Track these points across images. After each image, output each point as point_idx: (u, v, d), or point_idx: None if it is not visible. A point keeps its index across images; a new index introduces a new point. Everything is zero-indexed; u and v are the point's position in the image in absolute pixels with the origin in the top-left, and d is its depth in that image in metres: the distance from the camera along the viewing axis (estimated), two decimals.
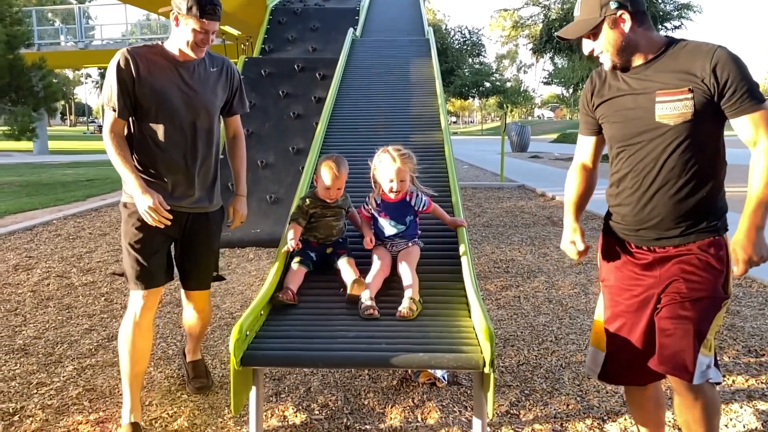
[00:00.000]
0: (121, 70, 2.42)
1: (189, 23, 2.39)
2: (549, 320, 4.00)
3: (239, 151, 2.96)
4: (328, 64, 6.65)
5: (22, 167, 17.76)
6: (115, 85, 2.42)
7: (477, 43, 37.18)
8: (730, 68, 1.76)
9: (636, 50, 1.88)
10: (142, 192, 2.39)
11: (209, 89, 2.61)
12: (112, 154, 2.46)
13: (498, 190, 10.54)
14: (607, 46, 1.89)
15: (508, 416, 2.75)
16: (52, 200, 9.79)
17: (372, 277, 2.59)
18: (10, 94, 13.24)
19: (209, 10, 2.38)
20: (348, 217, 2.94)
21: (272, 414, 2.78)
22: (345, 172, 2.79)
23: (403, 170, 2.71)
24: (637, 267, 1.99)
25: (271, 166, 6.47)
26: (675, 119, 1.82)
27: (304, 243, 2.80)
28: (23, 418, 2.75)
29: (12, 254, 6.04)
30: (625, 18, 1.85)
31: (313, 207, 2.82)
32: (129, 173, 2.42)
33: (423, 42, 6.92)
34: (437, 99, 5.05)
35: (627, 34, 1.86)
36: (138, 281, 2.53)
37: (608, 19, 1.86)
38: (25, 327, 3.98)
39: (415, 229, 2.84)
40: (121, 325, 2.60)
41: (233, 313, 4.20)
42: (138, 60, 2.44)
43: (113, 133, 2.48)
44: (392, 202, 2.78)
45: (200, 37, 2.42)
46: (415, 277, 2.56)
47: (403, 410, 2.80)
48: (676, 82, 1.82)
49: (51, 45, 23.78)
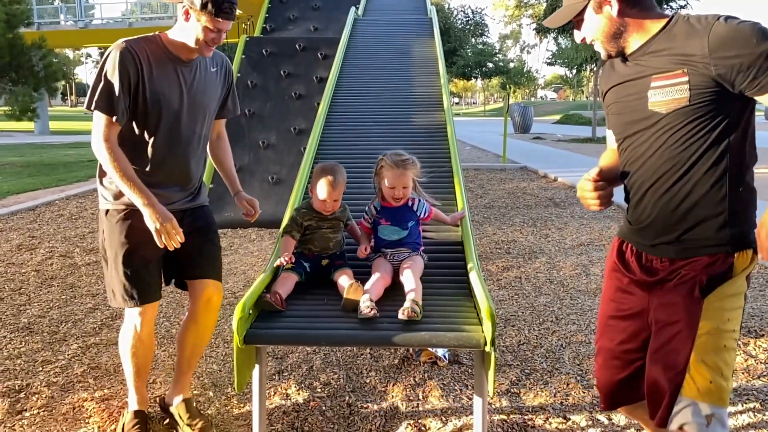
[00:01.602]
0: (124, 69, 2.13)
1: (202, 20, 2.13)
2: (550, 300, 4.02)
3: (227, 152, 2.69)
4: (330, 43, 6.60)
5: (23, 147, 17.74)
6: (117, 86, 2.12)
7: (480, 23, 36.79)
8: (733, 43, 1.50)
9: (629, 35, 1.67)
10: (158, 211, 2.15)
11: (210, 91, 2.40)
12: (111, 167, 2.14)
13: (500, 172, 10.52)
14: (596, 34, 1.70)
15: (508, 395, 2.78)
16: (54, 180, 9.80)
17: (371, 284, 2.34)
18: (11, 74, 13.19)
19: (226, 9, 2.14)
20: (347, 230, 2.70)
21: (275, 392, 2.81)
22: (342, 183, 2.55)
23: (407, 177, 2.57)
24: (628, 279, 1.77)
25: (273, 147, 6.47)
26: (667, 106, 1.59)
27: (298, 255, 2.54)
28: (29, 395, 2.78)
29: (15, 234, 6.06)
30: (610, 1, 1.65)
31: (307, 219, 2.57)
32: (137, 190, 2.15)
33: (426, 21, 6.86)
34: (440, 79, 5.02)
35: (615, 18, 1.65)
36: (131, 298, 2.29)
37: (593, 3, 1.67)
38: (29, 306, 4.01)
39: (418, 237, 2.64)
40: (121, 335, 2.43)
41: (236, 293, 4.23)
42: (140, 58, 2.17)
43: (109, 142, 2.14)
44: (393, 207, 2.61)
45: (212, 36, 2.18)
46: (418, 284, 2.33)
47: (404, 388, 2.83)
48: (670, 66, 1.59)
49: (51, 24, 23.63)
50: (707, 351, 1.59)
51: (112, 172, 2.14)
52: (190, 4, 2.14)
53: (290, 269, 2.46)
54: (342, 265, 2.53)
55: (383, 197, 2.62)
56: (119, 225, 2.27)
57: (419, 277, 2.40)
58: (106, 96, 2.13)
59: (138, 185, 2.15)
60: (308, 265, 2.52)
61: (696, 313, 1.60)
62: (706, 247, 1.61)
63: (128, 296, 2.29)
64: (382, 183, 2.59)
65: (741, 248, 1.60)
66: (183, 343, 2.52)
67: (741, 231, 1.60)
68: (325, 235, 2.56)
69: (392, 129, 4.13)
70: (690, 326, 1.60)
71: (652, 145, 1.65)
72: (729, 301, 1.61)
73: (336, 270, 2.49)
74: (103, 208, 2.32)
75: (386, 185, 2.56)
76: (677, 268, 1.65)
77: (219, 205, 5.86)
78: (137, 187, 2.15)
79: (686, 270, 1.64)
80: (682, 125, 1.59)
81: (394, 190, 2.55)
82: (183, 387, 2.55)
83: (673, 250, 1.66)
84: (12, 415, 2.61)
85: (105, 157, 2.14)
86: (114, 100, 2.12)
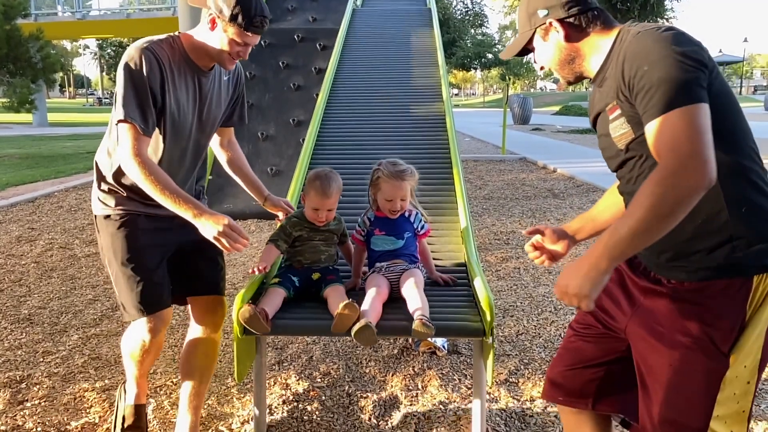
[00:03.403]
0: (151, 76, 1.93)
1: (229, 32, 1.95)
2: (548, 291, 4.04)
3: (243, 159, 2.48)
4: (329, 34, 6.58)
5: (21, 139, 17.70)
6: (145, 95, 1.92)
7: (479, 14, 36.71)
8: (633, 59, 1.31)
9: (582, 60, 1.51)
10: (212, 218, 1.92)
11: (221, 103, 2.23)
12: (148, 184, 1.90)
13: (499, 163, 10.51)
14: (548, 62, 1.56)
15: (507, 384, 2.79)
16: (53, 172, 9.79)
17: (369, 305, 2.09)
18: (8, 66, 13.13)
19: (257, 23, 1.96)
20: (340, 248, 2.49)
21: (275, 382, 2.83)
22: (337, 192, 2.32)
23: (405, 189, 2.36)
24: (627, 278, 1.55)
25: (272, 138, 6.46)
26: (620, 142, 1.42)
27: (286, 268, 2.36)
28: (30, 385, 2.80)
29: (14, 226, 6.07)
30: (555, 26, 1.49)
31: (298, 229, 2.34)
32: (183, 203, 1.92)
33: (425, 12, 6.83)
34: (439, 70, 5.01)
35: (563, 44, 1.50)
36: (142, 306, 2.08)
37: (539, 31, 1.53)
38: (29, 297, 4.03)
39: (415, 250, 2.41)
40: (126, 340, 2.23)
41: (235, 284, 4.24)
42: (164, 63, 1.97)
43: (140, 156, 1.91)
44: (387, 217, 2.40)
45: (237, 49, 2.00)
46: (423, 299, 2.11)
47: (403, 378, 2.85)
48: (610, 96, 1.42)
49: (48, 15, 23.49)
50: (728, 408, 1.37)
51: (149, 188, 1.91)
52: (218, 13, 1.95)
53: (277, 284, 2.24)
54: (334, 280, 2.30)
55: (378, 208, 2.41)
56: (120, 230, 2.09)
57: (422, 290, 2.18)
58: (136, 106, 1.92)
59: (183, 197, 1.93)
60: (297, 279, 2.29)
61: (718, 372, 1.34)
62: (703, 270, 1.34)
63: (139, 304, 2.08)
64: (379, 195, 2.37)
65: (746, 272, 1.32)
66: (189, 368, 2.29)
67: (744, 252, 1.32)
68: (317, 248, 2.34)
69: (391, 120, 4.13)
70: (708, 388, 1.35)
71: (631, 180, 1.46)
72: (754, 350, 1.35)
73: (327, 286, 2.26)
74: (101, 214, 2.13)
75: (383, 198, 2.35)
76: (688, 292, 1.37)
77: (219, 197, 5.87)
78: (183, 200, 1.93)
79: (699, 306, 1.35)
80: (644, 157, 1.38)
81: (392, 203, 2.34)
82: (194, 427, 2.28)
83: (684, 271, 1.37)
84: (13, 405, 2.62)
85: (138, 173, 1.91)
86: (144, 110, 1.93)
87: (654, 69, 1.26)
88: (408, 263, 2.33)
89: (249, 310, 1.99)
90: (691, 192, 1.20)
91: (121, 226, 2.09)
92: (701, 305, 1.34)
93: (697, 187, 1.20)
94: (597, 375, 1.65)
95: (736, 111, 1.36)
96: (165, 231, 2.13)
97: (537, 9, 1.51)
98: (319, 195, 2.27)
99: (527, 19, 1.55)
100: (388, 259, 2.34)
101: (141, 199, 2.06)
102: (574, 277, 1.33)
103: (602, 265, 1.29)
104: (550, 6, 1.49)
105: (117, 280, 2.12)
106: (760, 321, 1.33)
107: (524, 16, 1.56)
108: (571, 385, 1.69)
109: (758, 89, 62.81)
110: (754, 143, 1.38)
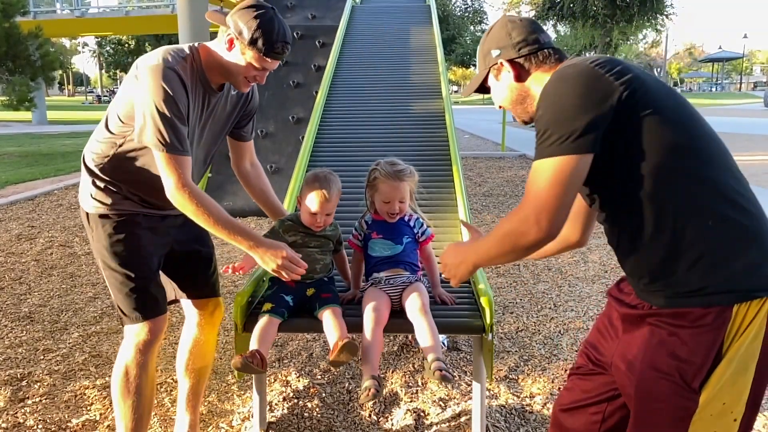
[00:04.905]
0: (180, 98, 1.80)
1: (247, 55, 1.83)
2: (548, 288, 4.04)
3: (267, 182, 2.34)
4: (328, 31, 6.57)
5: (21, 137, 17.68)
6: (178, 118, 1.79)
7: (479, 10, 36.66)
8: (538, 101, 1.33)
9: (532, 100, 1.48)
10: (268, 250, 1.88)
11: (230, 121, 2.13)
12: (200, 217, 1.81)
13: (499, 160, 10.50)
14: (502, 102, 1.55)
15: (506, 381, 2.80)
16: (53, 170, 9.78)
17: (370, 352, 1.97)
18: (7, 64, 13.11)
19: (278, 49, 1.84)
20: (335, 256, 2.32)
21: (275, 379, 2.83)
22: (336, 195, 2.16)
23: (404, 190, 2.21)
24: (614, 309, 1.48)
25: (272, 136, 6.46)
26: None
27: (278, 288, 2.16)
28: (31, 383, 2.80)
29: (14, 224, 6.07)
30: (506, 66, 1.48)
31: (292, 234, 2.18)
32: (238, 236, 1.86)
33: (424, 9, 6.82)
34: (438, 67, 5.01)
35: (514, 84, 1.49)
36: (141, 311, 1.97)
37: (492, 70, 1.52)
38: (30, 295, 4.03)
39: (415, 257, 2.25)
40: (119, 371, 2.00)
41: (235, 281, 4.24)
42: (186, 84, 1.83)
43: (187, 186, 1.80)
44: (385, 221, 2.25)
45: (255, 74, 1.89)
46: (434, 333, 1.97)
47: (403, 375, 2.85)
48: None
49: (47, 13, 23.43)
50: None
51: (201, 220, 1.82)
52: (237, 34, 1.82)
53: (271, 311, 2.07)
54: (329, 300, 2.12)
55: (376, 211, 2.27)
56: (118, 230, 1.97)
57: (430, 315, 2.03)
58: (172, 133, 1.77)
59: (237, 228, 1.87)
60: (291, 298, 2.13)
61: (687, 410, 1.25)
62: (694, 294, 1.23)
63: (137, 309, 1.97)
64: (376, 197, 2.23)
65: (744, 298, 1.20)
66: (187, 369, 2.24)
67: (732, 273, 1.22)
68: (312, 256, 2.16)
69: (391, 117, 4.13)
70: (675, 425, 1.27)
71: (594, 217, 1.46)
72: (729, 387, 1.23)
73: (321, 306, 2.10)
74: (95, 213, 1.98)
75: (381, 200, 2.21)
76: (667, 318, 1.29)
77: (219, 194, 5.88)
78: (237, 231, 1.86)
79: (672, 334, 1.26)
80: (592, 195, 1.38)
81: (390, 205, 2.19)
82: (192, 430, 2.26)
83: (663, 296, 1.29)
84: (14, 402, 2.63)
85: (187, 205, 1.80)
86: (179, 134, 1.79)
87: (543, 114, 1.28)
88: (409, 273, 2.18)
89: (240, 360, 1.88)
90: (528, 244, 1.29)
91: (120, 226, 1.97)
92: (676, 335, 1.25)
93: (535, 241, 1.27)
94: (597, 417, 1.57)
95: (687, 118, 1.29)
96: (162, 230, 2.05)
97: (490, 49, 1.52)
98: (318, 198, 2.11)
99: (482, 59, 1.55)
100: (386, 267, 2.19)
101: (139, 198, 1.98)
102: (453, 259, 1.53)
103: (470, 265, 1.48)
104: (502, 47, 1.49)
105: (114, 284, 1.98)
106: (740, 354, 1.21)
107: (480, 55, 1.56)
108: (572, 425, 1.61)
109: (758, 85, 62.69)
110: (721, 152, 1.28)
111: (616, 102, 1.22)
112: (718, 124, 17.54)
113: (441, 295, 2.25)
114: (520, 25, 1.49)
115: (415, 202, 2.32)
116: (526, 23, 1.50)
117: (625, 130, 1.24)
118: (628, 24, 16.87)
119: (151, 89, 1.77)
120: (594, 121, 1.22)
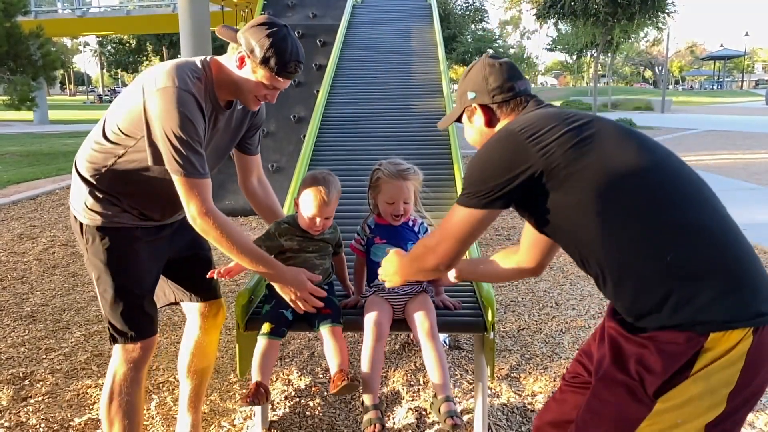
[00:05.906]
0: (198, 122, 1.74)
1: (258, 74, 1.78)
2: (549, 286, 4.04)
3: (274, 198, 2.31)
4: (329, 30, 6.57)
5: (22, 137, 17.69)
6: (198, 143, 1.74)
7: (480, 9, 36.57)
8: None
9: None
10: (289, 281, 1.91)
11: (236, 136, 2.08)
12: (223, 244, 1.79)
13: None
14: (472, 142, 1.59)
15: (508, 379, 2.80)
16: (54, 170, 9.79)
17: (369, 378, 1.96)
18: (9, 63, 13.12)
19: (291, 69, 1.80)
20: (334, 260, 2.23)
21: (277, 377, 2.83)
22: (336, 197, 2.07)
23: (408, 190, 2.13)
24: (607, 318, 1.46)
25: (273, 135, 6.46)
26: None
27: (276, 303, 2.07)
28: (33, 382, 2.81)
29: (16, 223, 6.08)
30: (477, 110, 1.52)
31: (288, 237, 2.09)
32: (260, 265, 1.88)
33: (425, 7, 6.82)
34: (440, 66, 5.01)
35: (484, 129, 1.52)
36: (135, 330, 1.91)
37: (466, 111, 1.56)
38: (32, 294, 4.04)
39: None
40: (110, 394, 1.95)
41: (237, 280, 4.25)
42: (201, 105, 1.77)
43: (211, 212, 1.76)
44: (389, 225, 2.18)
45: (265, 93, 1.85)
46: (443, 365, 1.94)
47: (405, 374, 2.85)
48: None
49: (48, 13, 23.44)
50: None
51: (225, 248, 1.81)
52: (248, 52, 1.76)
53: (269, 334, 2.00)
54: (329, 316, 2.03)
55: (379, 214, 2.19)
56: (116, 245, 1.89)
57: (438, 340, 1.98)
58: (194, 157, 1.73)
59: (260, 258, 1.88)
60: (290, 312, 2.06)
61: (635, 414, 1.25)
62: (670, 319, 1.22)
63: (132, 329, 1.91)
64: (379, 198, 2.15)
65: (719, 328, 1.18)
66: (188, 370, 2.22)
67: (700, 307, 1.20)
68: (310, 262, 2.08)
69: (392, 116, 4.13)
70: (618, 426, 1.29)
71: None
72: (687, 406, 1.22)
73: (321, 323, 2.01)
74: (91, 225, 1.88)
75: (384, 201, 2.13)
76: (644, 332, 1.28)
77: (220, 194, 5.88)
78: (260, 261, 1.87)
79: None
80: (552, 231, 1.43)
81: (394, 206, 2.11)
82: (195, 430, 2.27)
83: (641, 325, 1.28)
84: (17, 401, 2.63)
85: (211, 232, 1.77)
86: (200, 159, 1.75)
87: (468, 168, 1.43)
88: (414, 284, 2.10)
89: (247, 402, 1.89)
90: (429, 268, 1.51)
91: (118, 241, 1.88)
92: (647, 348, 1.24)
93: (433, 267, 1.50)
94: None
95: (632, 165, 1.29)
96: (160, 240, 1.99)
97: (467, 90, 1.55)
98: (317, 201, 2.01)
99: (459, 97, 1.59)
100: None
101: (138, 212, 1.91)
102: (390, 268, 1.72)
103: (400, 277, 1.70)
104: (477, 90, 1.53)
105: (108, 300, 1.91)
106: (712, 378, 1.19)
107: (458, 92, 1.60)
108: None
109: (760, 83, 62.62)
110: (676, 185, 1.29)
111: (528, 169, 1.31)
112: (719, 122, 17.55)
113: (444, 300, 2.20)
114: (498, 71, 1.51)
115: (420, 205, 2.24)
116: (504, 69, 1.52)
117: (556, 189, 1.31)
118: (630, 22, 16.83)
119: (168, 113, 1.70)
120: (498, 185, 1.34)
